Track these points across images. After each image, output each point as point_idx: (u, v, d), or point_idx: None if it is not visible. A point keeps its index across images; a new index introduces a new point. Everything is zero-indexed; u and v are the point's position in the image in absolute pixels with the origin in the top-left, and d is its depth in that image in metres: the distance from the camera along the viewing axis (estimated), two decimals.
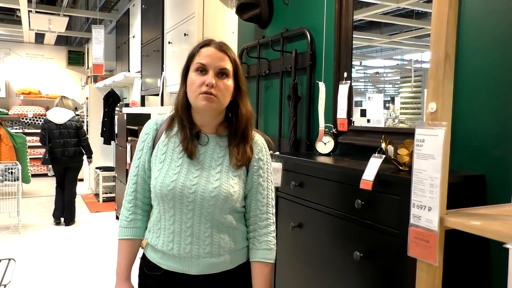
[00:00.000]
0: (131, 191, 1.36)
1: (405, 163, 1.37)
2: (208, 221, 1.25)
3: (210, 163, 1.27)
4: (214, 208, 1.24)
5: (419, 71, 1.81)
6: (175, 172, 1.26)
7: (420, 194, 0.93)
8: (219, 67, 1.24)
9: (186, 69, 1.29)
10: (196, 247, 1.26)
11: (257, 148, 1.33)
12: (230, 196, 1.24)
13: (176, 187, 1.24)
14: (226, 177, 1.26)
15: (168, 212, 1.27)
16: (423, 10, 1.82)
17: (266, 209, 1.32)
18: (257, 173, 1.32)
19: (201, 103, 1.21)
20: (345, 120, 1.95)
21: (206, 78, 1.21)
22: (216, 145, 1.30)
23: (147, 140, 1.35)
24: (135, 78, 4.66)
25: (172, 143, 1.31)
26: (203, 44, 1.27)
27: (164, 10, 3.75)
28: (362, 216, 1.45)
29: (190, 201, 1.24)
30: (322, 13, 2.18)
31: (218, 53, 1.25)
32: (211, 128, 1.31)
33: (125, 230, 1.37)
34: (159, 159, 1.30)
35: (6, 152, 7.04)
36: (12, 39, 8.93)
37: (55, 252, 4.29)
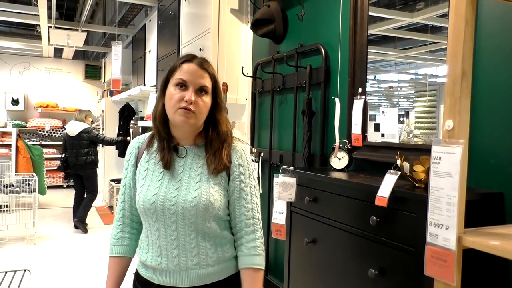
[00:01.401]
0: (119, 209, 1.40)
1: (421, 179, 1.35)
2: (192, 231, 1.26)
3: (190, 174, 1.29)
4: (196, 217, 1.25)
5: (434, 85, 1.80)
6: (156, 187, 1.28)
7: (437, 212, 0.92)
8: (199, 84, 1.25)
9: (165, 82, 1.30)
10: (184, 259, 1.27)
11: (236, 154, 1.33)
12: (210, 204, 1.25)
13: (157, 200, 1.26)
14: (206, 185, 1.27)
15: (152, 227, 1.29)
16: (437, 25, 1.81)
17: (251, 215, 1.31)
18: (239, 179, 1.32)
19: (179, 119, 1.23)
20: (360, 136, 1.94)
21: (186, 94, 1.22)
22: (195, 155, 1.32)
23: (131, 159, 1.38)
24: (151, 92, 4.72)
25: (153, 159, 1.33)
26: (185, 59, 1.28)
27: (180, 26, 3.81)
28: (377, 233, 1.44)
29: (172, 213, 1.25)
30: (336, 29, 2.19)
31: (199, 70, 1.26)
32: (189, 140, 1.33)
33: (114, 248, 1.40)
34: (142, 175, 1.33)
35: (24, 164, 7.17)
36: (31, 54, 9.15)
37: (70, 263, 4.32)
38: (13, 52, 8.99)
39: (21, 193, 5.18)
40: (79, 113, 5.73)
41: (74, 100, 9.55)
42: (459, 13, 0.89)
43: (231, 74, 3.09)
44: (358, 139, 1.95)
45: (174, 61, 1.31)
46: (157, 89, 1.33)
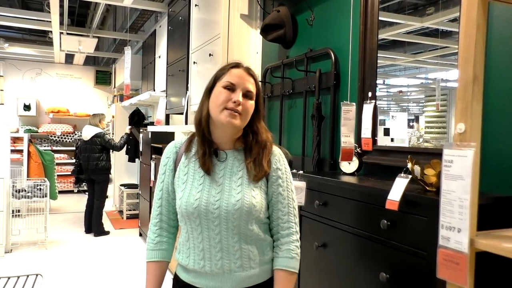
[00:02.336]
0: (156, 214, 1.41)
1: (432, 183, 1.35)
2: (235, 234, 1.28)
3: (231, 177, 1.31)
4: (239, 220, 1.27)
5: (444, 90, 1.80)
6: (198, 191, 1.30)
7: (449, 215, 0.92)
8: (246, 89, 1.30)
9: (212, 85, 1.34)
10: (227, 262, 1.28)
11: (274, 159, 1.36)
12: (253, 207, 1.27)
13: (201, 204, 1.28)
14: (247, 188, 1.30)
15: (195, 231, 1.30)
16: (447, 29, 1.82)
17: (287, 218, 1.34)
18: (276, 183, 1.35)
19: (225, 119, 1.26)
20: (370, 140, 1.95)
21: (234, 96, 1.27)
22: (235, 159, 1.34)
23: (168, 163, 1.40)
24: (160, 97, 4.76)
25: (193, 163, 1.35)
26: (233, 65, 1.34)
27: (189, 32, 3.85)
28: (388, 236, 1.44)
29: (215, 216, 1.27)
30: (346, 33, 2.20)
31: (247, 76, 1.31)
32: (229, 144, 1.36)
33: (152, 253, 1.41)
34: (182, 180, 1.34)
35: (35, 169, 7.26)
36: (43, 60, 9.28)
37: (81, 268, 4.35)
38: (25, 58, 9.13)
39: (32, 198, 5.24)
40: (93, 117, 5.83)
41: (85, 105, 9.67)
42: (471, 18, 0.90)
43: None
44: (368, 143, 1.95)
45: (221, 66, 1.36)
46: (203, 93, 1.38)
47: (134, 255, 4.84)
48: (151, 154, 4.99)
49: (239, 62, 1.36)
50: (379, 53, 2.00)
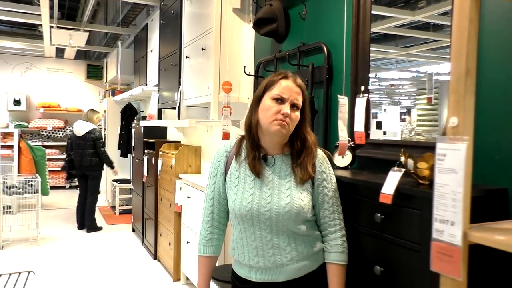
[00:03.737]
0: (208, 212, 1.54)
1: (425, 176, 1.36)
2: (284, 232, 1.40)
3: (279, 181, 1.43)
4: (289, 221, 1.39)
5: (436, 83, 1.80)
6: (250, 194, 1.42)
7: (443, 208, 0.93)
8: (294, 101, 1.40)
9: (261, 95, 1.44)
10: (279, 257, 1.41)
11: (319, 162, 1.47)
12: (301, 209, 1.39)
13: (253, 207, 1.40)
14: (296, 192, 1.41)
15: (248, 230, 1.43)
16: (439, 23, 1.82)
17: (333, 216, 1.47)
18: (322, 185, 1.46)
19: (275, 128, 1.37)
20: (363, 133, 1.95)
21: (283, 108, 1.38)
22: (282, 163, 1.45)
23: (220, 167, 1.52)
24: (153, 91, 4.73)
25: (243, 168, 1.46)
26: (283, 76, 1.44)
27: (182, 26, 3.82)
28: (382, 230, 1.44)
29: (266, 218, 1.39)
30: (339, 27, 2.20)
31: (295, 88, 1.42)
32: (277, 149, 1.47)
33: (204, 248, 1.55)
34: (233, 183, 1.46)
35: (26, 165, 7.20)
36: (33, 54, 9.16)
37: (74, 264, 4.34)
38: (15, 52, 9.01)
39: (24, 194, 5.20)
40: (91, 112, 5.79)
41: (76, 100, 9.58)
42: (463, 12, 0.90)
43: (233, 73, 3.11)
44: (361, 137, 1.96)
45: (271, 76, 1.47)
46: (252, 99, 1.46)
47: (127, 251, 4.83)
48: (144, 149, 4.96)
49: (288, 73, 1.45)
50: (371, 47, 2.00)
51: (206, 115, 3.96)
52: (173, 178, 3.96)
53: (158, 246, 4.46)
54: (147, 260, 4.54)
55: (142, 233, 5.08)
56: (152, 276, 4.07)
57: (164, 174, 4.30)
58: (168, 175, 4.14)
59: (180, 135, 4.88)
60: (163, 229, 4.29)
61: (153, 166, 4.57)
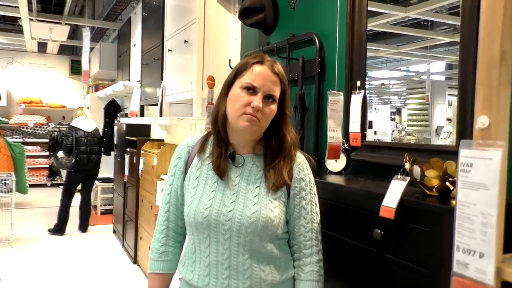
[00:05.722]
0: (163, 220, 1.28)
1: (434, 187, 1.15)
2: (246, 251, 1.14)
3: (247, 186, 1.18)
4: (253, 236, 1.13)
5: (425, 83, 1.73)
6: (209, 198, 1.17)
7: (468, 235, 0.72)
8: (269, 92, 1.16)
9: (231, 81, 1.20)
10: (235, 282, 1.14)
11: (297, 168, 1.22)
12: (270, 221, 1.14)
13: (211, 214, 1.15)
14: (265, 200, 1.16)
15: (203, 243, 1.17)
16: (432, 20, 1.71)
17: (310, 235, 1.21)
18: (299, 195, 1.21)
19: (243, 124, 1.14)
20: (359, 134, 1.74)
21: (254, 100, 1.13)
22: (253, 165, 1.21)
23: (179, 164, 1.27)
24: (135, 87, 4.49)
25: (206, 166, 1.22)
26: (256, 60, 1.19)
27: (164, 17, 3.58)
28: (382, 248, 1.23)
29: (226, 229, 1.14)
30: (331, 16, 1.99)
31: (271, 76, 1.17)
32: (248, 148, 1.23)
33: (156, 264, 1.27)
34: (192, 184, 1.22)
35: (4, 162, 6.87)
36: (14, 48, 8.86)
37: (46, 268, 4.09)
38: None
39: None
40: (86, 110, 5.62)
41: (59, 96, 9.28)
42: None
43: (218, 67, 2.88)
44: (357, 138, 1.75)
45: (243, 60, 1.23)
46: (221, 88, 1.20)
47: (106, 254, 4.60)
48: (125, 148, 4.74)
49: (264, 57, 1.21)
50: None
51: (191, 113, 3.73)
52: (154, 179, 3.74)
53: (138, 250, 4.24)
54: (126, 264, 4.31)
55: (122, 236, 4.85)
56: (130, 282, 3.85)
57: (145, 174, 4.08)
58: (150, 175, 3.92)
59: (164, 133, 4.65)
60: (143, 232, 4.06)
61: (135, 165, 4.35)
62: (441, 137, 1.59)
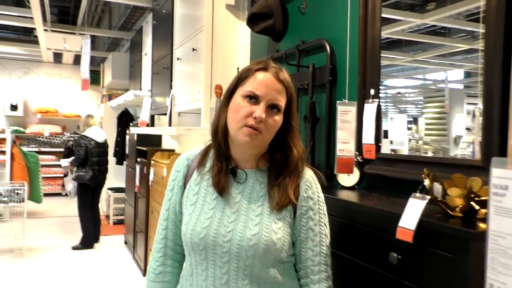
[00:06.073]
0: (161, 238, 1.19)
1: (458, 207, 1.03)
2: (246, 276, 1.05)
3: (249, 204, 1.09)
4: (254, 260, 1.04)
5: (443, 91, 1.69)
6: (208, 217, 1.08)
7: (504, 272, 0.60)
8: (272, 101, 1.06)
9: (233, 89, 1.12)
10: None
11: (305, 185, 1.12)
12: (272, 245, 1.04)
13: (209, 234, 1.06)
14: (268, 221, 1.06)
15: (200, 265, 1.09)
16: (449, 26, 1.63)
17: (319, 259, 1.10)
18: (306, 215, 1.10)
19: (243, 138, 1.05)
20: (373, 146, 1.62)
21: (256, 110, 1.04)
22: (256, 182, 1.12)
23: (177, 178, 1.19)
24: (145, 96, 4.44)
25: (205, 181, 1.14)
26: (260, 67, 1.10)
27: (173, 25, 3.53)
28: (398, 274, 1.11)
29: (224, 251, 1.05)
30: (343, 21, 1.88)
31: (275, 84, 1.07)
32: (251, 162, 1.14)
33: (153, 285, 1.19)
34: (190, 200, 1.13)
35: (19, 171, 6.91)
36: (31, 59, 8.98)
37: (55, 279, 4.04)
38: (13, 57, 8.86)
39: (9, 203, 4.91)
40: (94, 119, 5.56)
41: (74, 105, 9.37)
42: None
43: (226, 76, 2.79)
44: (371, 150, 1.63)
45: (247, 66, 1.14)
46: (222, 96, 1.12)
47: (116, 266, 4.53)
48: (136, 158, 4.69)
49: (268, 63, 1.11)
50: None
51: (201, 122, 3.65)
52: (164, 190, 3.64)
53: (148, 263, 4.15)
54: (136, 276, 4.23)
55: (133, 247, 4.79)
56: None
57: (155, 185, 4.01)
58: (160, 186, 3.85)
59: (174, 143, 4.58)
60: (153, 244, 3.97)
61: (145, 175, 4.29)
62: (460, 147, 1.51)
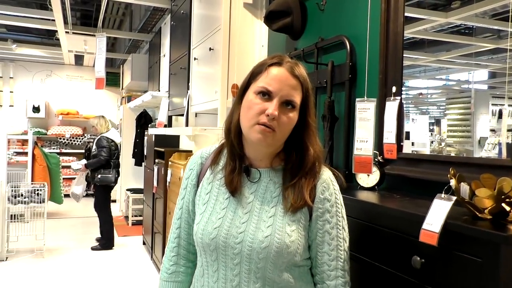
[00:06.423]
0: (174, 237, 1.18)
1: (487, 208, 0.97)
2: (258, 279, 1.01)
3: (262, 205, 1.05)
4: (266, 263, 1.00)
5: (467, 92, 1.67)
6: (219, 217, 1.06)
7: None
8: (286, 97, 1.02)
9: (246, 86, 1.08)
10: None
11: (322, 186, 1.07)
12: (285, 248, 1.00)
13: (220, 235, 1.03)
14: (281, 222, 1.02)
15: (211, 266, 1.06)
16: (473, 25, 1.59)
17: (335, 265, 1.05)
18: (323, 218, 1.06)
19: (255, 136, 1.01)
20: (394, 146, 1.56)
21: (269, 107, 1.00)
22: (270, 181, 1.08)
23: (191, 176, 1.16)
24: (163, 97, 4.45)
25: (218, 180, 1.11)
26: (274, 62, 1.05)
27: (191, 25, 3.52)
28: (422, 279, 1.05)
29: (236, 253, 1.02)
30: (364, 17, 1.83)
31: (290, 79, 1.03)
32: (265, 161, 1.10)
33: (166, 285, 1.17)
34: (203, 200, 1.11)
35: (40, 172, 7.03)
36: (53, 61, 9.15)
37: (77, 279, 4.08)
38: (35, 60, 9.05)
39: (29, 203, 4.99)
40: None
41: (94, 107, 9.49)
42: None
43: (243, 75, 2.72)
44: (392, 150, 1.56)
45: (261, 61, 1.10)
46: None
47: (134, 267, 4.55)
48: (154, 159, 4.70)
49: (283, 57, 1.07)
50: None
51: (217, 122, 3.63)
52: None
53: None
54: (154, 277, 4.23)
55: (151, 248, 4.80)
56: None
57: (173, 186, 4.01)
58: (177, 187, 3.84)
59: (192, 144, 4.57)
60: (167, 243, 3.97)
61: (163, 176, 4.30)
62: (485, 148, 1.46)
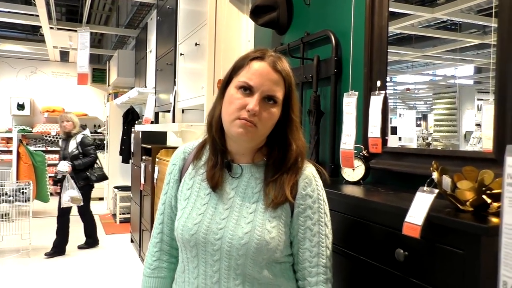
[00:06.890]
0: (157, 232, 1.17)
1: (468, 201, 0.97)
2: (238, 275, 1.00)
3: (243, 200, 1.05)
4: (245, 259, 0.99)
5: (453, 87, 1.67)
6: (200, 213, 1.05)
7: None
8: (268, 92, 1.01)
9: (228, 80, 1.06)
10: None
11: (304, 182, 1.06)
12: (265, 244, 0.99)
13: (200, 231, 1.02)
14: (261, 219, 1.01)
15: (191, 263, 1.05)
16: (459, 21, 1.59)
17: (317, 261, 1.04)
18: (304, 214, 1.05)
19: (236, 131, 1.00)
20: (379, 140, 1.56)
21: (249, 102, 0.99)
22: (251, 177, 1.07)
23: (174, 172, 1.15)
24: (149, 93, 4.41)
25: (200, 176, 1.10)
26: (255, 56, 1.04)
27: (177, 20, 3.49)
28: (405, 271, 1.06)
29: (215, 249, 1.01)
30: (349, 11, 1.82)
31: (272, 74, 1.01)
32: (247, 157, 1.09)
33: (148, 280, 1.17)
34: (184, 195, 1.10)
35: (25, 171, 6.92)
36: (38, 58, 9.00)
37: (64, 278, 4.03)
38: (20, 56, 8.88)
39: (14, 202, 4.91)
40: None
41: (80, 104, 9.36)
42: None
43: None
44: (377, 144, 1.57)
45: (243, 55, 1.07)
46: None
47: (122, 265, 4.51)
48: (141, 156, 4.66)
49: (265, 51, 1.05)
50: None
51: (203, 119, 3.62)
52: None
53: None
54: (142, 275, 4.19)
55: (139, 245, 4.76)
56: None
57: (160, 183, 3.98)
58: None
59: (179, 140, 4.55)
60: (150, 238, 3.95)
61: (150, 173, 4.27)
62: (470, 143, 1.48)
